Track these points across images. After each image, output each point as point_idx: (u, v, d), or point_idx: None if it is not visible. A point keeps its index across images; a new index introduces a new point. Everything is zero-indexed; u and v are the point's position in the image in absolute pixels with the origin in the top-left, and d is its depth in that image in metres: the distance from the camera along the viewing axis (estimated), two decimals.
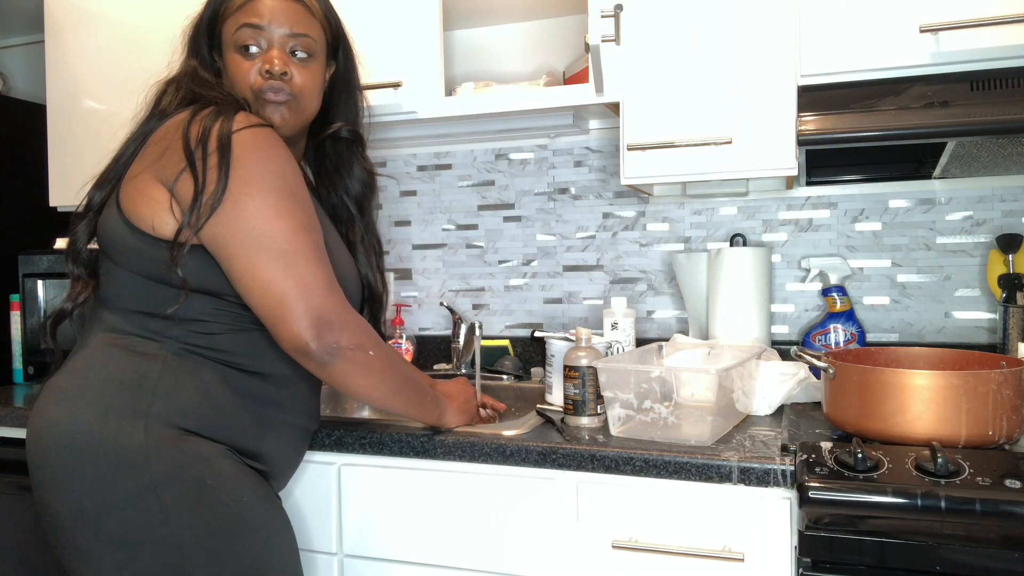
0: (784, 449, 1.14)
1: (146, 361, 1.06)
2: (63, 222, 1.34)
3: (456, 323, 1.88)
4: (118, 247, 1.10)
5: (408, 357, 1.92)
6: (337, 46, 1.30)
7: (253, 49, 1.18)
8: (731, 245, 1.76)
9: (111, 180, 1.15)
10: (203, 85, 1.17)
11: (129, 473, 1.01)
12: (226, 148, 1.04)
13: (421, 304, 2.06)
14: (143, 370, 1.06)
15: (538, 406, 1.46)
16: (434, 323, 2.05)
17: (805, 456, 1.09)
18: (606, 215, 1.89)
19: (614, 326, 1.56)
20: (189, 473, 1.03)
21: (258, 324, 1.09)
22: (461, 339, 1.85)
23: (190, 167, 1.04)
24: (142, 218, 1.07)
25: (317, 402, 1.26)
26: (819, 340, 1.66)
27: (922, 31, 1.27)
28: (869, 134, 1.29)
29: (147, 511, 1.01)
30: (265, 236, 1.03)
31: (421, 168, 2.05)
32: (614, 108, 1.59)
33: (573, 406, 1.32)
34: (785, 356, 1.67)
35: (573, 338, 1.40)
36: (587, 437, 1.25)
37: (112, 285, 1.12)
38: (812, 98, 1.35)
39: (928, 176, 1.62)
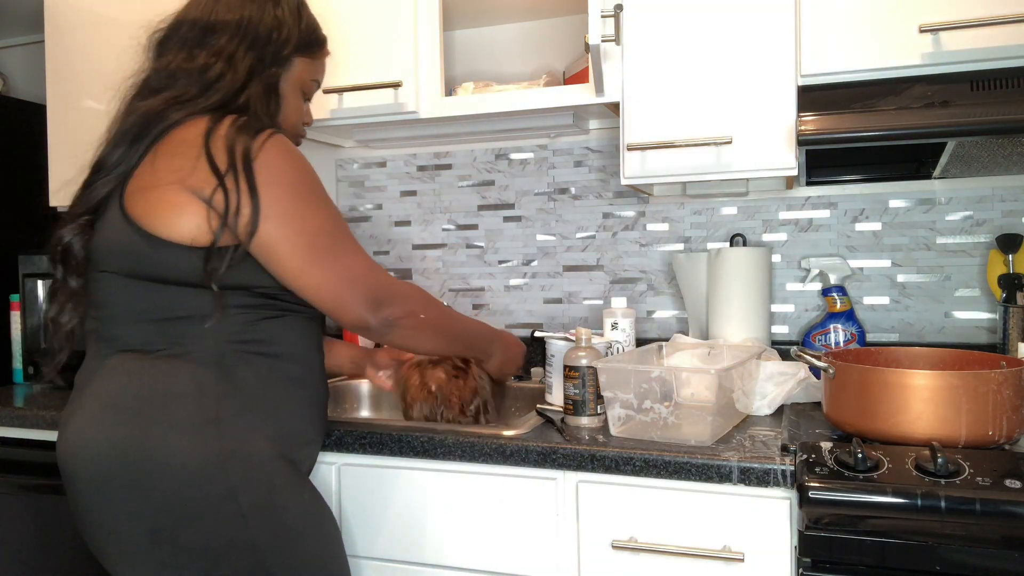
0: (784, 449, 1.14)
1: (198, 369, 1.07)
2: None
3: None
4: (133, 259, 1.08)
5: None
6: None
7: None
8: (731, 245, 1.76)
9: (109, 182, 1.12)
10: (256, 95, 1.18)
11: (207, 483, 1.02)
12: (253, 159, 1.07)
13: None
14: (198, 378, 1.06)
15: (538, 406, 1.46)
16: None
17: (805, 456, 1.09)
18: (606, 215, 1.89)
19: (614, 326, 1.56)
20: (261, 474, 1.06)
21: (282, 310, 1.13)
22: None
23: (222, 177, 1.05)
24: (173, 229, 1.05)
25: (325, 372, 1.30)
26: (819, 340, 1.66)
27: (922, 31, 1.27)
28: (869, 134, 1.29)
29: (228, 517, 1.03)
30: (312, 237, 1.09)
31: (421, 168, 2.05)
32: (614, 108, 1.59)
33: (573, 406, 1.32)
34: (785, 356, 1.66)
35: (573, 338, 1.40)
36: (587, 437, 1.25)
37: (122, 300, 1.10)
38: (812, 98, 1.35)
39: (928, 176, 1.62)
